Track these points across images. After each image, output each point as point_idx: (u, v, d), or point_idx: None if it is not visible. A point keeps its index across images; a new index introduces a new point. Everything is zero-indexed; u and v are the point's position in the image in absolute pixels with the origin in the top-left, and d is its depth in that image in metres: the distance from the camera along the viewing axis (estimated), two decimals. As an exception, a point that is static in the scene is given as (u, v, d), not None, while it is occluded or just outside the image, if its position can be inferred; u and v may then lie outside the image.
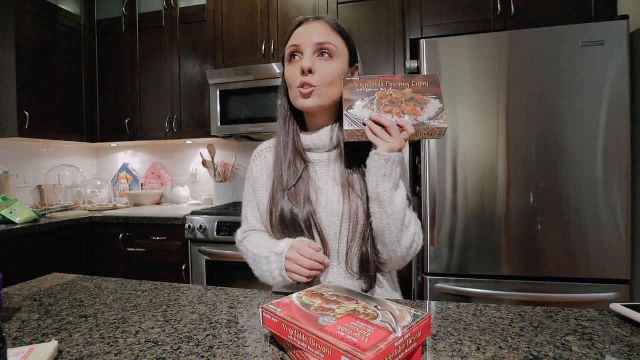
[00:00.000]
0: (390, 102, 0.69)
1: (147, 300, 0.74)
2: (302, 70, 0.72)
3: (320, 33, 0.73)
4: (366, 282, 0.75)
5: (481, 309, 0.66)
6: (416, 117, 0.67)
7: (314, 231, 0.75)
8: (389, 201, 0.67)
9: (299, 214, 0.74)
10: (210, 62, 2.26)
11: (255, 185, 0.85)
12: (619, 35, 1.34)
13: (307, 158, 0.79)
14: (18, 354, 0.48)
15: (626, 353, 0.49)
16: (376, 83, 0.71)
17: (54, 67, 2.33)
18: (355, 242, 0.74)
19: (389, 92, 0.70)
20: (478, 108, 1.47)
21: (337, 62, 0.74)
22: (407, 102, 0.69)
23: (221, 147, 2.64)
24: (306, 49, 0.73)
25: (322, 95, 0.73)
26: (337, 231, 0.75)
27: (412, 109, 0.68)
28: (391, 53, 1.96)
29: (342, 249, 0.75)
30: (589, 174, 1.38)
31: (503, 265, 1.45)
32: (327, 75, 0.72)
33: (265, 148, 0.87)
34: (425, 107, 0.68)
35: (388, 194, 0.67)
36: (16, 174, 2.38)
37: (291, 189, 0.76)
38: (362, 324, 0.45)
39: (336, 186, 0.77)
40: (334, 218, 0.75)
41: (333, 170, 0.78)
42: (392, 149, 0.65)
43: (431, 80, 0.70)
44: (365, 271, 0.74)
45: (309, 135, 0.79)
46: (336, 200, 0.75)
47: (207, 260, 1.93)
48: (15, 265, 1.79)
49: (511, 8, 1.69)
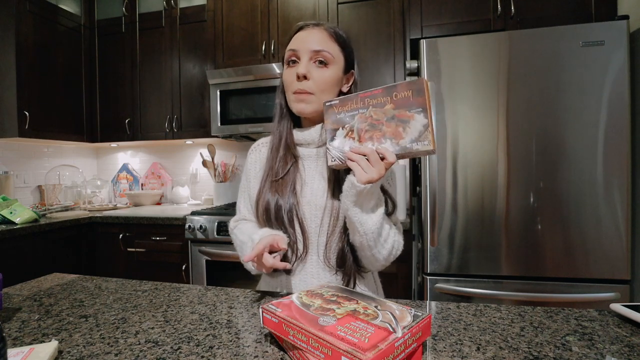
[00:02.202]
0: (370, 126, 0.64)
1: (147, 300, 0.74)
2: (298, 76, 0.74)
3: (318, 40, 0.76)
4: (344, 278, 0.77)
5: (481, 309, 0.66)
6: (398, 140, 0.62)
7: (296, 223, 0.77)
8: (359, 224, 0.67)
9: (282, 205, 0.77)
10: (210, 62, 2.26)
11: (248, 177, 0.89)
12: (619, 35, 1.34)
13: (297, 152, 0.82)
14: (18, 354, 0.48)
15: (626, 353, 0.49)
16: (355, 104, 0.66)
17: (54, 67, 2.33)
18: (335, 236, 0.76)
19: (369, 112, 0.65)
20: (478, 108, 1.47)
21: (332, 69, 0.76)
22: (388, 122, 0.63)
23: (221, 147, 2.64)
24: (303, 55, 0.76)
25: (316, 101, 0.76)
26: (318, 224, 0.77)
27: (394, 130, 0.62)
28: (391, 53, 1.96)
29: (321, 242, 0.77)
30: (589, 174, 1.38)
31: (503, 265, 1.45)
32: (321, 83, 0.75)
33: (262, 143, 0.91)
34: (408, 127, 0.61)
35: (359, 217, 0.67)
36: (16, 174, 2.38)
37: (279, 180, 0.79)
38: (362, 324, 0.45)
39: (322, 181, 0.79)
40: (316, 211, 0.77)
41: (321, 166, 0.81)
42: (370, 179, 0.62)
43: (415, 88, 0.62)
44: (341, 266, 0.77)
45: (300, 131, 0.82)
46: (320, 194, 0.78)
47: (207, 260, 1.93)
48: (15, 265, 1.79)
49: (511, 8, 1.69)
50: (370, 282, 0.84)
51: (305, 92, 0.75)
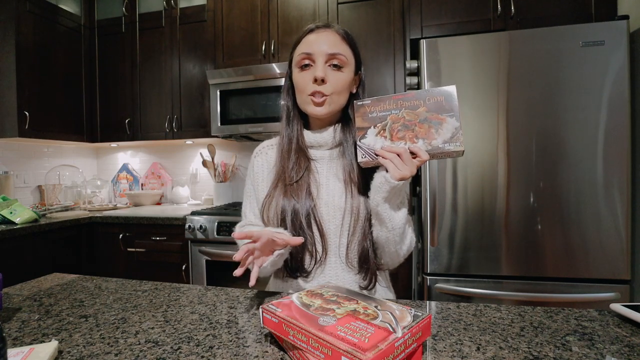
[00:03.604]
0: (403, 126, 0.67)
1: (147, 300, 0.74)
2: (315, 79, 0.75)
3: (332, 43, 0.76)
4: (365, 278, 0.77)
5: (481, 309, 0.66)
6: (430, 140, 0.65)
7: (314, 226, 0.76)
8: (389, 219, 0.70)
9: (299, 209, 0.76)
10: (210, 62, 2.26)
11: (255, 182, 0.87)
12: (619, 35, 1.34)
13: (310, 155, 0.82)
14: (18, 354, 0.48)
15: (626, 353, 0.49)
16: (388, 105, 0.69)
17: (54, 67, 2.33)
18: (356, 236, 0.76)
19: (402, 114, 0.67)
20: (478, 108, 1.47)
21: (346, 71, 0.77)
22: (421, 124, 0.66)
23: (221, 147, 2.64)
24: (318, 58, 0.76)
25: (333, 103, 0.77)
26: (338, 225, 0.77)
27: (426, 131, 0.66)
28: (391, 53, 1.96)
29: (342, 243, 0.77)
30: (589, 174, 1.38)
31: (503, 265, 1.45)
32: (338, 85, 0.76)
33: (268, 145, 0.89)
34: (440, 128, 0.65)
35: (388, 213, 0.69)
36: (16, 174, 2.38)
37: (293, 184, 0.78)
38: (362, 324, 0.45)
39: (338, 182, 0.79)
40: (335, 212, 0.77)
41: (335, 167, 0.81)
42: (402, 176, 0.64)
43: (447, 95, 0.66)
44: (364, 266, 0.77)
45: (312, 133, 0.82)
46: (338, 195, 0.78)
47: (207, 260, 1.93)
48: (15, 265, 1.79)
49: (511, 8, 1.69)
50: (385, 280, 0.85)
51: (323, 94, 0.75)
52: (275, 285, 0.85)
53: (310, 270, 0.77)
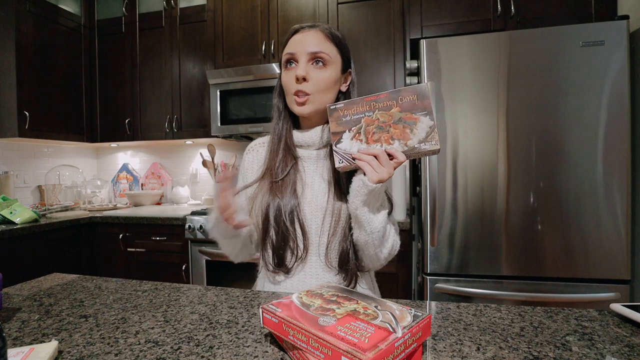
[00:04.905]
0: (377, 128, 0.66)
1: (147, 300, 0.74)
2: (297, 78, 0.75)
3: (315, 42, 0.76)
4: (345, 279, 0.78)
5: (481, 309, 0.66)
6: (406, 141, 0.64)
7: (297, 224, 0.77)
8: (367, 222, 0.69)
9: (283, 206, 0.77)
10: (210, 62, 2.26)
11: (245, 177, 0.89)
12: (619, 35, 1.34)
13: (297, 154, 0.83)
14: (18, 354, 0.48)
15: (626, 353, 0.49)
16: (361, 107, 0.67)
17: (54, 67, 2.33)
18: (336, 237, 0.77)
19: (375, 115, 0.66)
20: (478, 108, 1.47)
21: (330, 69, 0.77)
22: (395, 124, 0.65)
23: (221, 147, 2.64)
24: (301, 57, 0.76)
25: (316, 101, 0.77)
26: (319, 225, 0.78)
27: (401, 132, 0.65)
28: (391, 53, 1.96)
29: (322, 243, 0.78)
30: (589, 174, 1.38)
31: (503, 265, 1.45)
32: (321, 83, 0.76)
33: (259, 143, 0.91)
34: (415, 128, 0.64)
35: (367, 217, 0.69)
36: (16, 174, 2.38)
37: (278, 181, 0.80)
38: (362, 324, 0.45)
39: (323, 182, 0.80)
40: (317, 212, 0.78)
41: (321, 168, 0.82)
42: (380, 179, 0.63)
43: (420, 92, 0.65)
44: (343, 267, 0.77)
45: (300, 133, 0.83)
46: (321, 196, 0.78)
47: (207, 260, 1.93)
48: (15, 265, 1.79)
49: (511, 8, 1.69)
50: (368, 281, 0.85)
51: (305, 93, 0.75)
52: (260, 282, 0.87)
53: (290, 267, 0.78)
